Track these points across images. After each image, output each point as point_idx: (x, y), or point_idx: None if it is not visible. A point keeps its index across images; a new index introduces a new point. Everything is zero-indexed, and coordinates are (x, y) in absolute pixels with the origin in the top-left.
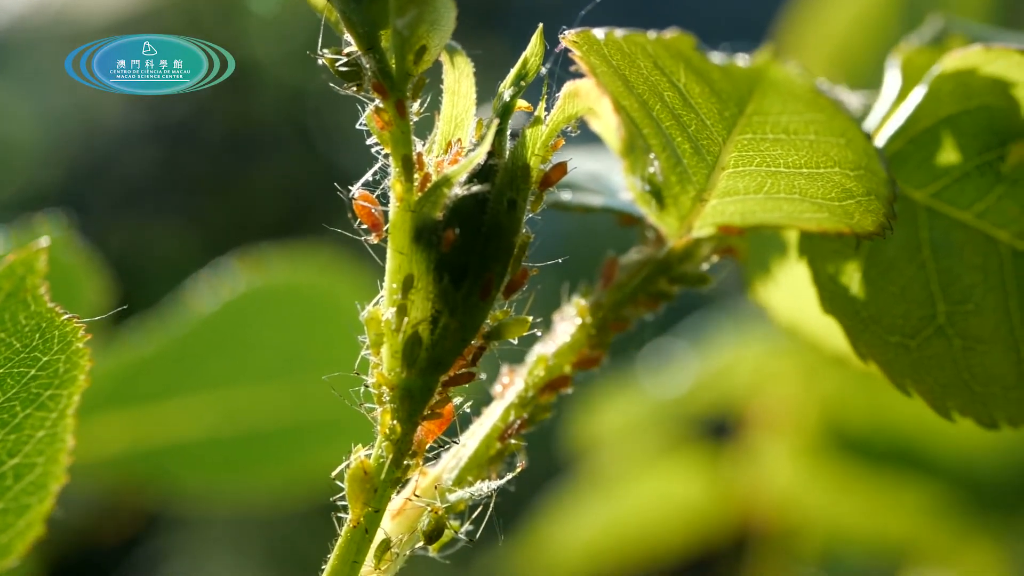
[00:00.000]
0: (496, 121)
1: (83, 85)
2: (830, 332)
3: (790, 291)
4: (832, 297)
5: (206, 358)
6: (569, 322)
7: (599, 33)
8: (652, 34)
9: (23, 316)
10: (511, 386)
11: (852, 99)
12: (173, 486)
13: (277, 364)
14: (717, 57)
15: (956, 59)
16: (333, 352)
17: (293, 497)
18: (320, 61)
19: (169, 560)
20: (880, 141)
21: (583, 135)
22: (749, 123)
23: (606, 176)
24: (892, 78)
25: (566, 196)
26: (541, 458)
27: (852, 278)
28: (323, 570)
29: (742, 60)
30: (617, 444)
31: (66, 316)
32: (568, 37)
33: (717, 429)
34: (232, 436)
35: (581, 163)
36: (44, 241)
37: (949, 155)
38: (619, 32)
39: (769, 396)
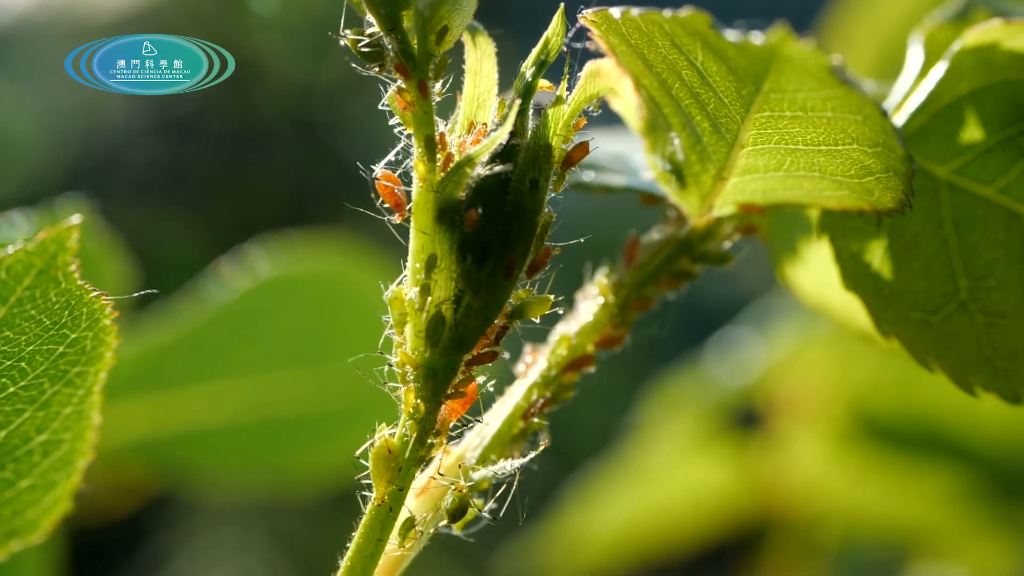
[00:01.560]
0: (518, 101)
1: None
2: (855, 310)
3: (815, 269)
4: (854, 275)
5: (227, 345)
6: (592, 301)
7: (616, 12)
8: (668, 12)
9: (54, 293)
10: (534, 365)
11: (866, 84)
12: (193, 472)
13: (298, 351)
14: (732, 35)
15: (977, 34)
16: (354, 339)
17: (313, 485)
18: (342, 42)
19: (180, 552)
20: (902, 117)
21: (605, 116)
22: (766, 101)
23: (628, 156)
24: (914, 54)
25: (588, 176)
26: (569, 444)
27: (874, 255)
28: (348, 548)
29: (757, 37)
30: (648, 432)
31: (95, 293)
32: (587, 16)
33: (746, 417)
34: (253, 423)
35: (603, 144)
36: (76, 218)
37: (971, 131)
38: (635, 11)
39: (799, 384)
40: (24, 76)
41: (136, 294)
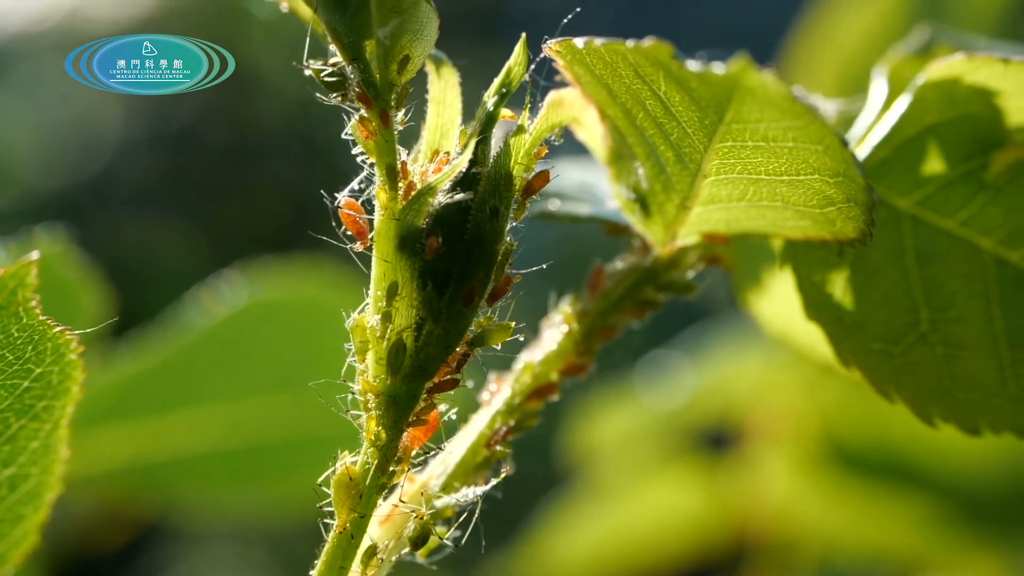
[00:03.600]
0: (479, 130)
1: (84, 89)
2: (817, 340)
3: (779, 299)
4: (816, 304)
5: (209, 371)
6: (556, 329)
7: (579, 42)
8: (631, 43)
9: (15, 329)
10: (498, 393)
11: (827, 106)
12: (176, 498)
13: (280, 377)
14: (694, 65)
15: (940, 68)
16: (336, 365)
17: (297, 510)
18: (307, 71)
19: (169, 571)
20: (865, 149)
21: (574, 145)
22: (729, 131)
23: (595, 185)
24: (878, 87)
25: (554, 205)
26: (541, 467)
27: (836, 285)
28: None
29: (718, 68)
30: (616, 454)
31: (59, 328)
32: (550, 46)
33: (716, 440)
34: (236, 449)
35: (570, 173)
36: (34, 255)
37: (933, 163)
38: (599, 41)
39: (768, 408)
40: (22, 90)
41: (108, 323)
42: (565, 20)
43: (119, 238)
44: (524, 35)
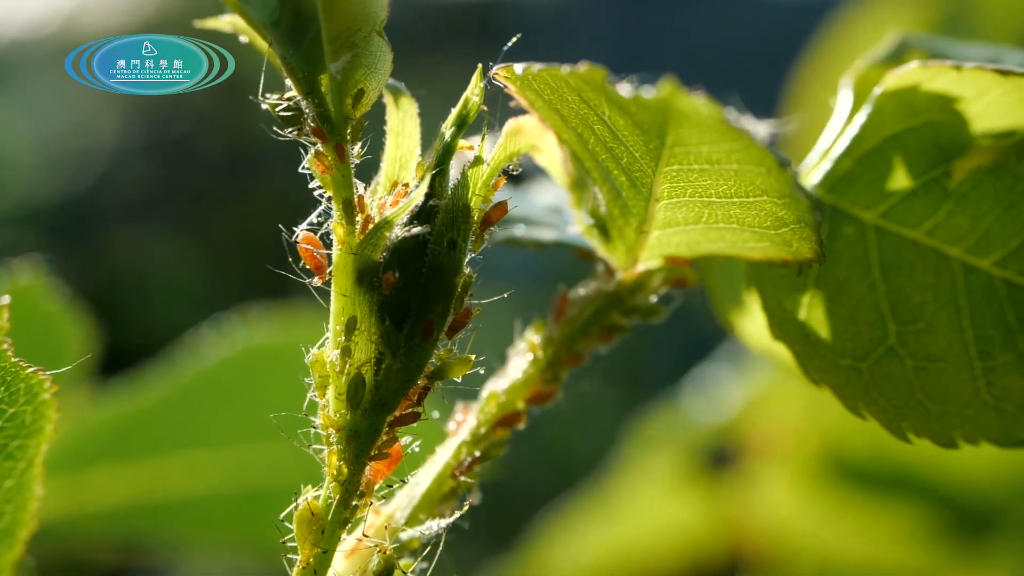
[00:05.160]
0: (436, 162)
1: (81, 97)
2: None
3: (755, 315)
4: (780, 323)
5: (206, 414)
6: (522, 358)
7: (519, 68)
8: (567, 68)
9: None
10: (464, 423)
11: (760, 128)
12: (172, 541)
13: (282, 423)
14: (626, 89)
15: (897, 77)
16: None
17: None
18: (263, 105)
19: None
20: (828, 162)
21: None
22: (672, 154)
23: (562, 209)
24: (844, 97)
25: (520, 231)
26: (540, 479)
27: (800, 304)
28: None
29: (649, 92)
30: (618, 470)
31: (31, 369)
32: (497, 73)
33: (718, 457)
34: (232, 494)
35: (539, 196)
36: (5, 299)
37: (896, 174)
38: (538, 66)
39: (770, 423)
40: (18, 99)
41: (88, 357)
42: (515, 38)
43: (115, 248)
44: (480, 66)
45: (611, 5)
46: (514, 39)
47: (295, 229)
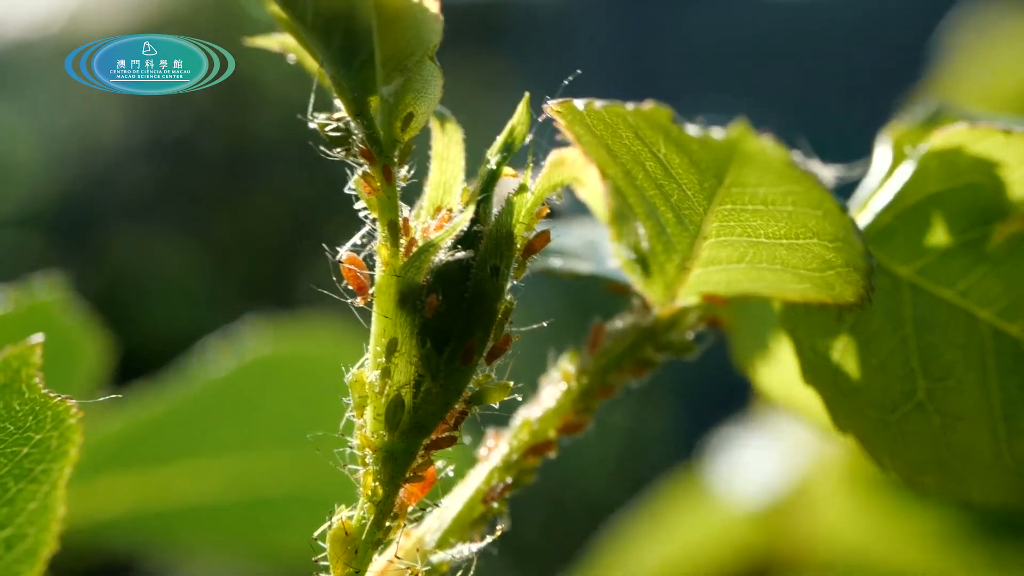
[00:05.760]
0: (481, 188)
1: (82, 98)
2: (815, 405)
3: (777, 363)
4: (813, 368)
5: (213, 424)
6: (555, 387)
7: (579, 104)
8: (631, 105)
9: (17, 403)
10: (496, 449)
11: (826, 172)
12: (177, 548)
13: (283, 433)
14: (693, 129)
15: (943, 137)
16: (339, 423)
17: (295, 564)
18: (311, 124)
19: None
20: (868, 215)
21: (578, 201)
22: (728, 194)
23: (597, 243)
24: (882, 154)
25: (557, 262)
26: (602, 494)
27: (834, 350)
28: None
29: (717, 132)
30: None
31: (59, 398)
32: (552, 107)
33: None
34: (238, 502)
35: (575, 230)
36: (39, 337)
37: (934, 232)
38: (599, 103)
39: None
40: (19, 100)
41: (109, 373)
42: (572, 75)
43: (116, 248)
44: (527, 95)
45: (612, 5)
46: (572, 76)
47: (338, 249)
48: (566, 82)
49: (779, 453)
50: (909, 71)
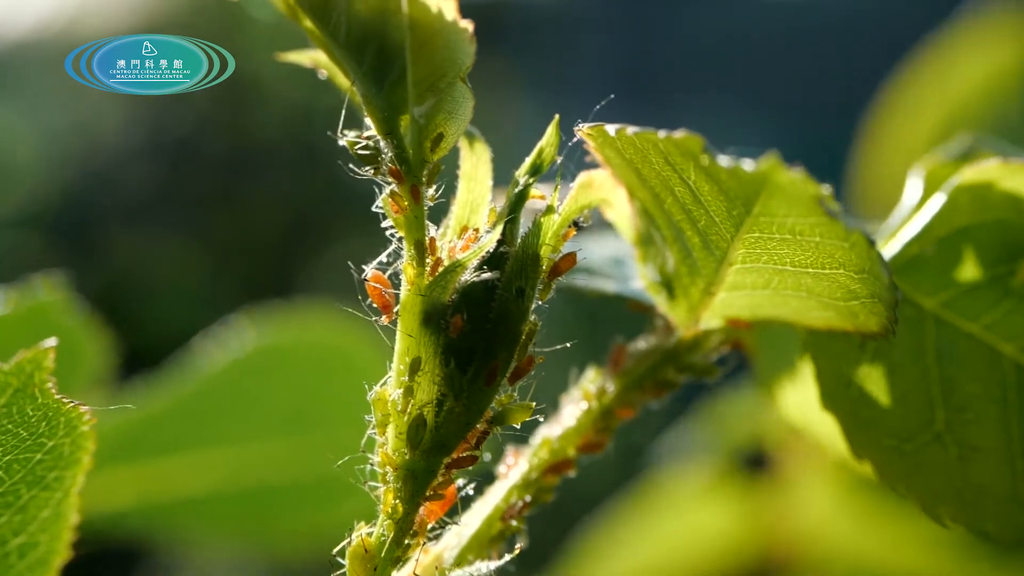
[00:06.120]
0: (508, 209)
1: (83, 99)
2: (833, 432)
3: (798, 387)
4: (832, 395)
5: (215, 415)
6: (575, 406)
7: (611, 129)
8: (663, 133)
9: (30, 408)
10: (515, 467)
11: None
12: (181, 538)
13: (285, 420)
14: (724, 160)
15: (975, 171)
16: (342, 408)
17: (299, 549)
18: (341, 142)
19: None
20: (896, 245)
21: (601, 218)
22: (756, 223)
23: (622, 262)
24: (914, 185)
25: (581, 281)
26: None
27: (854, 377)
28: None
29: (748, 164)
30: (652, 479)
31: (72, 404)
32: (583, 130)
33: (753, 459)
34: (241, 491)
35: (600, 247)
36: (52, 341)
37: (962, 266)
38: (631, 129)
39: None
40: (21, 99)
41: (113, 371)
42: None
43: (117, 248)
44: (557, 117)
45: (612, 5)
46: (604, 101)
47: (364, 267)
48: (597, 108)
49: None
50: None
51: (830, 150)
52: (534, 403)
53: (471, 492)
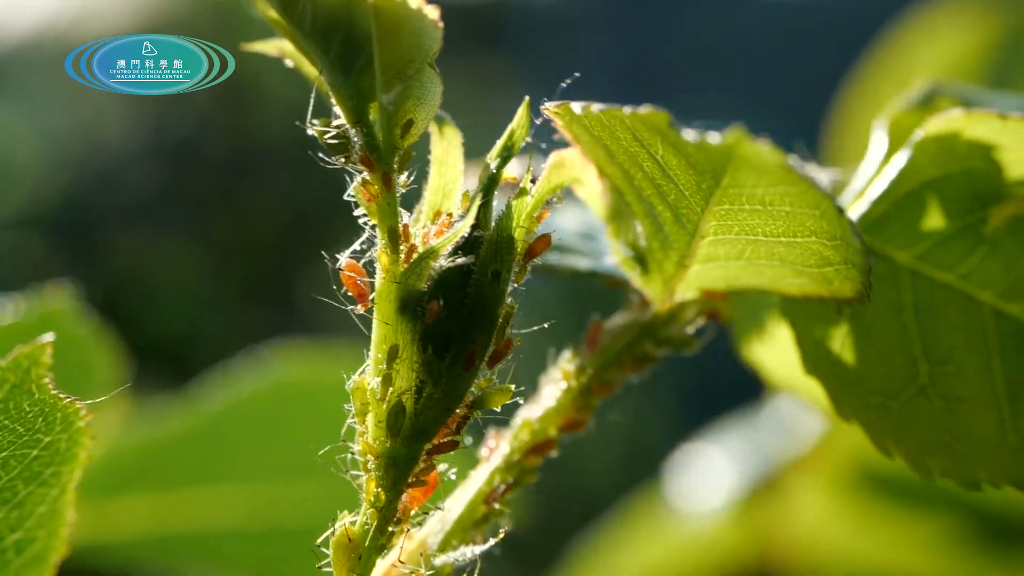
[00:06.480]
0: (481, 193)
1: (84, 100)
2: (819, 392)
3: (779, 350)
4: (814, 359)
5: (236, 447)
6: (555, 386)
7: (577, 107)
8: (628, 109)
9: (27, 404)
10: (497, 450)
11: (822, 176)
12: (195, 574)
13: (307, 461)
14: (690, 134)
15: (939, 123)
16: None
17: None
18: (310, 131)
19: None
20: (864, 203)
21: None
22: (725, 194)
23: (594, 236)
24: (878, 140)
25: (554, 258)
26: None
27: (834, 340)
28: None
29: (714, 137)
30: (651, 487)
31: (68, 399)
32: (549, 109)
33: None
34: (259, 531)
35: (568, 222)
36: (50, 336)
37: (932, 218)
38: (596, 106)
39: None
40: (22, 100)
41: (124, 385)
42: (570, 77)
43: (118, 249)
44: (527, 99)
45: (612, 5)
46: (569, 79)
47: (338, 256)
48: (564, 84)
49: (757, 453)
50: None
51: None
52: (513, 386)
53: (452, 477)
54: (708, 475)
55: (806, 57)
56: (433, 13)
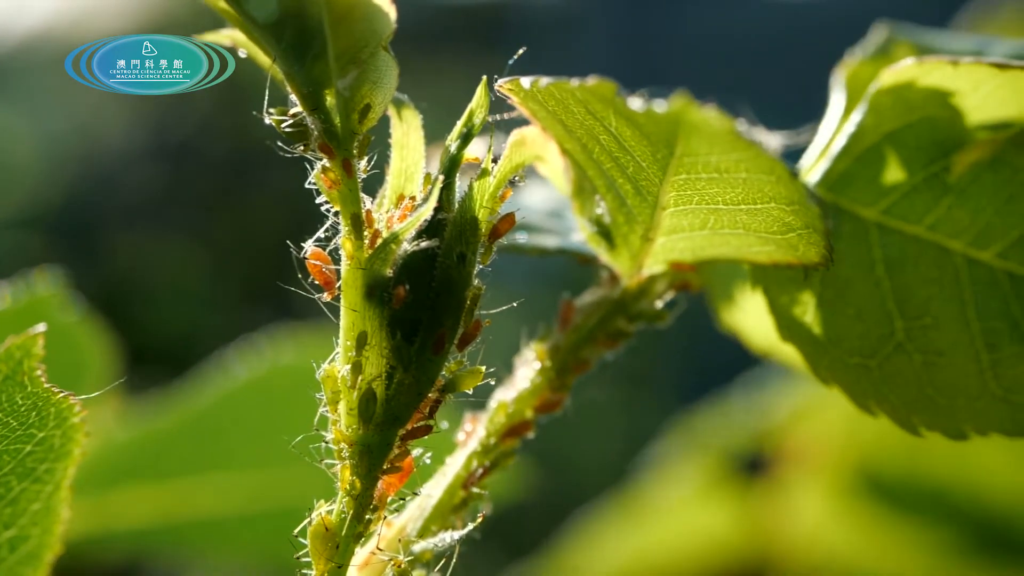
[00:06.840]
0: (442, 175)
1: (84, 101)
2: (799, 357)
3: (756, 316)
4: (789, 325)
5: (233, 435)
6: (529, 367)
7: (526, 82)
8: (576, 81)
9: (19, 397)
10: (473, 434)
11: (771, 139)
12: (195, 560)
13: (305, 445)
14: (637, 103)
15: (893, 74)
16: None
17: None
18: (267, 121)
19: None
20: (826, 162)
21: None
22: (680, 164)
23: (561, 213)
24: (836, 96)
25: (522, 238)
26: (575, 481)
27: (807, 304)
28: None
29: (660, 105)
30: (660, 472)
31: (62, 394)
32: (502, 86)
33: (751, 462)
34: (260, 514)
35: (535, 200)
36: (41, 327)
37: (895, 171)
38: (545, 80)
39: (809, 435)
40: (23, 100)
41: (118, 376)
42: (520, 51)
43: (119, 250)
44: (484, 78)
45: (612, 5)
46: (519, 52)
47: (303, 245)
48: (510, 62)
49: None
50: None
51: None
52: (484, 367)
53: (428, 461)
54: (690, 458)
55: (806, 57)
56: None
